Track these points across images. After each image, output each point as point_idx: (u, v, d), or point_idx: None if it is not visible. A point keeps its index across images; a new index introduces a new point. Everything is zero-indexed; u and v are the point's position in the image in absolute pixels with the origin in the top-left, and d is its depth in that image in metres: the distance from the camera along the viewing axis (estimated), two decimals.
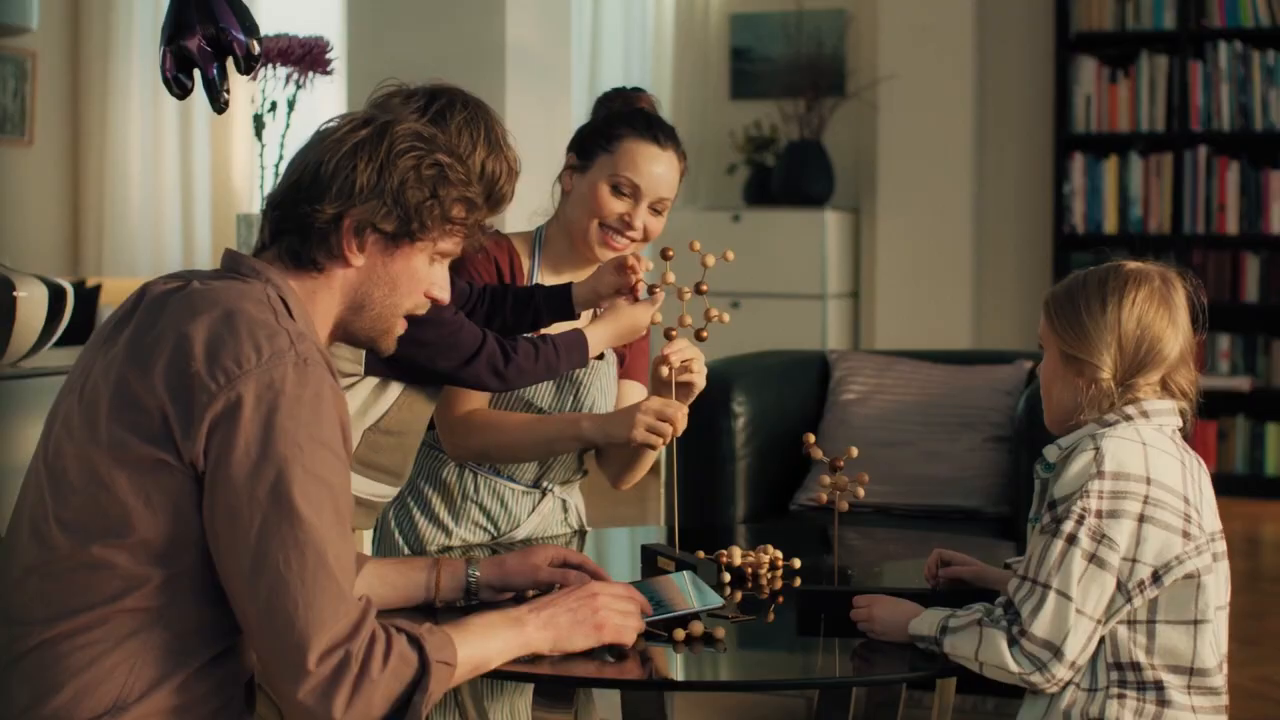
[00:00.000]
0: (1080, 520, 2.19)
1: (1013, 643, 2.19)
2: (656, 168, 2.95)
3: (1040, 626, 2.18)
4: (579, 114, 7.68)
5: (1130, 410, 2.28)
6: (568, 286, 2.89)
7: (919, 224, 7.88)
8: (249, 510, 1.90)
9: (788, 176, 7.93)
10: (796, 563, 2.80)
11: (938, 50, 7.80)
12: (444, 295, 2.22)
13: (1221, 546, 2.29)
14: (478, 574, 2.42)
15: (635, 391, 3.12)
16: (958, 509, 4.29)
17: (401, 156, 2.10)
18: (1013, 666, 2.18)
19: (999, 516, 4.28)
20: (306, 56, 3.81)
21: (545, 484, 3.02)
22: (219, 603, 1.97)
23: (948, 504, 4.30)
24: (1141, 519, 2.20)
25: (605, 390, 3.05)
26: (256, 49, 2.63)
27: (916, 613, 2.32)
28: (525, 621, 2.14)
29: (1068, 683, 2.22)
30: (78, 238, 8.50)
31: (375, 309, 2.15)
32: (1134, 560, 2.20)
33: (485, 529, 2.99)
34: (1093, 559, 2.19)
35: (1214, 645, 2.26)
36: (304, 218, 2.08)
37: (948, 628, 2.25)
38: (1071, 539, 2.19)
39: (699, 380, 2.88)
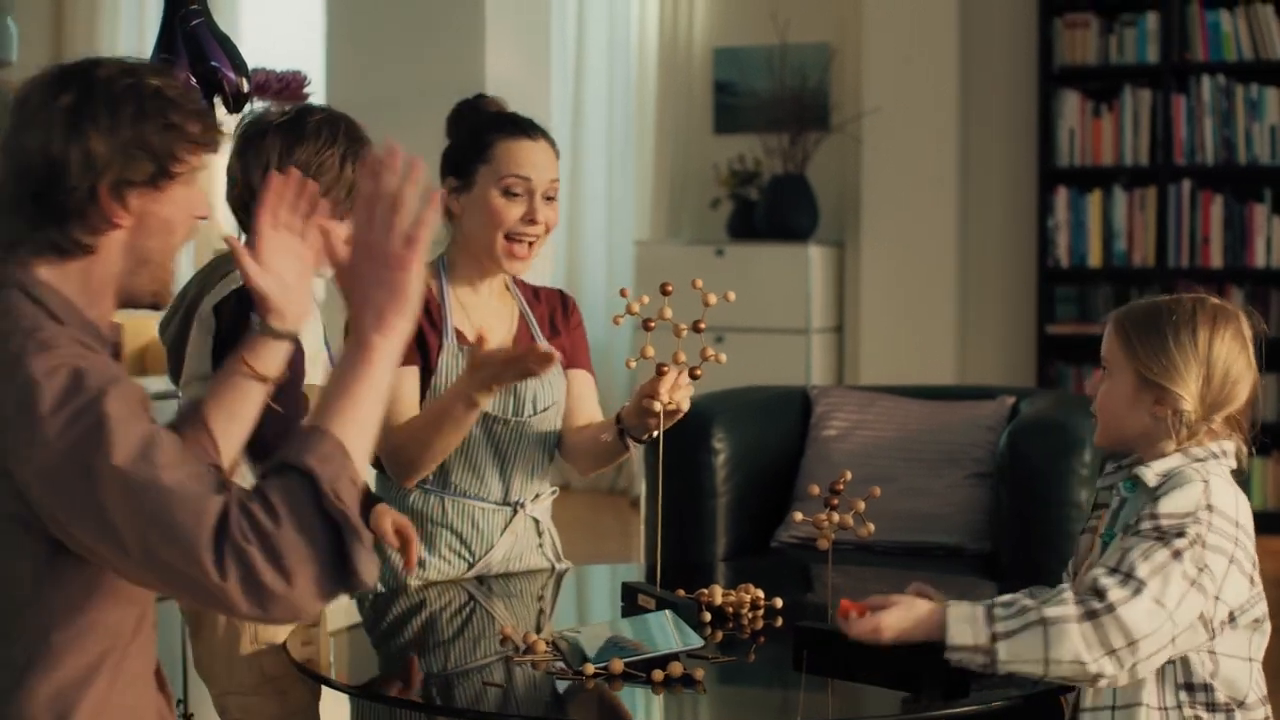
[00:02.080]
0: (1192, 542, 2.21)
1: (1091, 616, 2.17)
2: (537, 158, 3.01)
3: (1129, 613, 2.17)
4: (561, 146, 7.69)
5: (1214, 448, 2.31)
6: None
7: (903, 258, 7.87)
8: (82, 500, 1.83)
9: (771, 210, 7.92)
10: (778, 602, 2.78)
11: (921, 84, 7.80)
12: (206, 210, 2.08)
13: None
14: (267, 322, 2.22)
15: (584, 381, 3.14)
16: (939, 545, 4.27)
17: (121, 101, 1.98)
18: (1086, 655, 2.17)
19: (980, 553, 4.26)
20: (284, 90, 3.79)
21: (514, 498, 3.01)
22: (66, 626, 1.92)
23: (929, 540, 4.28)
24: (1231, 560, 2.24)
25: (549, 383, 3.04)
26: (246, 87, 2.62)
27: (932, 612, 2.28)
28: (371, 344, 1.90)
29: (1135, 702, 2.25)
30: None
31: (156, 258, 2.05)
32: (1218, 599, 2.24)
33: (460, 555, 2.99)
34: (1194, 582, 2.21)
35: (1256, 683, 2.32)
36: (57, 207, 1.97)
37: (998, 634, 2.21)
38: (1177, 554, 2.21)
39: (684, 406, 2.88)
